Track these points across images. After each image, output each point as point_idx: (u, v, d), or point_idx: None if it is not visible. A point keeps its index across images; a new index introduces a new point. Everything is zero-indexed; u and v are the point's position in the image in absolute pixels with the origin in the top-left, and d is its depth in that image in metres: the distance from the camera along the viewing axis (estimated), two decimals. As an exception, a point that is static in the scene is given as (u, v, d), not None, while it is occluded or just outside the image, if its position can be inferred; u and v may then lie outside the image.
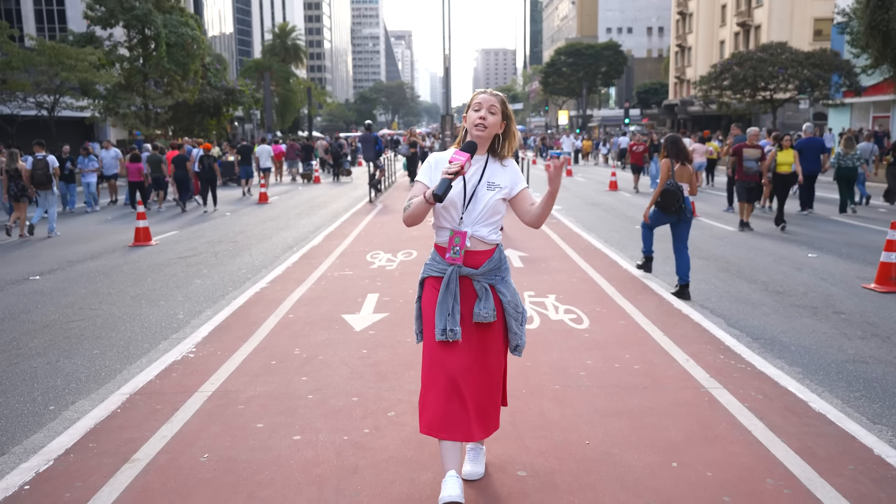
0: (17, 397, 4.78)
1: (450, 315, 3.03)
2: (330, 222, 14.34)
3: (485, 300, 3.08)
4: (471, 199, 3.11)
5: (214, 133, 42.74)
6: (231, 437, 3.92)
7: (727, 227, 12.72)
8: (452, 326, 3.01)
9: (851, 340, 5.81)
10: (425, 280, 3.22)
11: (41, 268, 9.71)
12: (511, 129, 3.20)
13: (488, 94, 3.16)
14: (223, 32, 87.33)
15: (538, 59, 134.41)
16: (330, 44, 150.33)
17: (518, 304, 3.18)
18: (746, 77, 35.75)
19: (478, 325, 3.11)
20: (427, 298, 3.17)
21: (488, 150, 3.19)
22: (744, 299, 7.26)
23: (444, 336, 3.02)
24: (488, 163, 3.18)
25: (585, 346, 5.54)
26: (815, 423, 4.03)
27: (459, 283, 3.11)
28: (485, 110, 3.11)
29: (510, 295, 3.17)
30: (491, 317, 3.08)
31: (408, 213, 3.08)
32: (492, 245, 3.17)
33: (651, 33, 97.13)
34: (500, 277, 3.17)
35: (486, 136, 3.12)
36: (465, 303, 3.11)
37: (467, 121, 3.15)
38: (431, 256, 3.23)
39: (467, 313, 3.10)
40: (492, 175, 3.15)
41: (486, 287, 3.11)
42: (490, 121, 3.10)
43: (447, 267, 3.13)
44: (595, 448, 3.74)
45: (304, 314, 6.71)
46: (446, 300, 3.04)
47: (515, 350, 3.23)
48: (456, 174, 2.89)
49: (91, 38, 34.00)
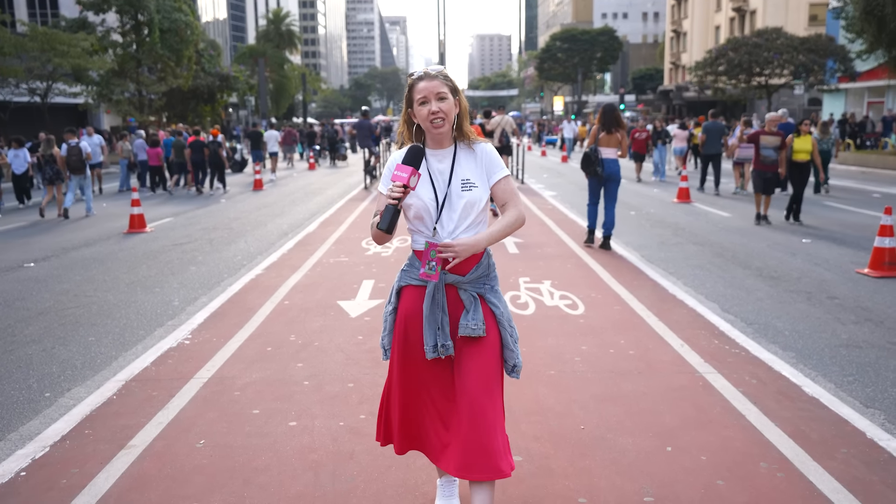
0: (13, 384, 4.78)
1: (440, 329, 2.63)
2: (325, 209, 14.31)
3: (473, 311, 2.64)
4: (443, 205, 2.63)
5: (209, 119, 42.53)
6: (227, 424, 3.93)
7: (722, 213, 12.74)
8: (444, 341, 2.62)
9: (845, 325, 5.84)
10: (402, 289, 2.77)
11: (35, 255, 9.68)
12: (463, 103, 2.68)
13: (428, 80, 2.60)
14: (217, 18, 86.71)
15: (533, 45, 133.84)
16: (324, 29, 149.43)
17: (510, 319, 2.76)
18: (741, 62, 35.69)
19: (464, 341, 2.66)
20: (406, 311, 2.72)
21: (453, 137, 2.70)
22: (738, 285, 7.28)
23: (437, 353, 2.63)
24: (457, 154, 2.68)
25: (581, 332, 5.55)
26: (808, 408, 4.06)
27: (446, 292, 2.69)
28: (434, 100, 2.58)
29: (502, 307, 2.74)
30: (480, 330, 2.62)
31: (372, 234, 2.64)
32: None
33: (646, 19, 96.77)
34: (490, 286, 2.73)
35: (447, 129, 2.62)
36: (451, 315, 2.70)
37: (417, 117, 2.63)
38: (409, 262, 2.77)
39: (453, 327, 2.68)
40: (464, 170, 2.66)
41: (473, 296, 2.67)
42: (445, 108, 2.59)
43: None
44: (590, 433, 3.76)
45: (299, 301, 6.71)
46: (434, 313, 2.63)
47: (513, 371, 2.76)
48: (400, 198, 2.48)
49: (83, 24, 33.70)
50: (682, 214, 12.62)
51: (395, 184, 2.49)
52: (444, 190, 2.64)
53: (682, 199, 14.43)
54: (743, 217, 12.15)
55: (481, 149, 2.72)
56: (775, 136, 11.07)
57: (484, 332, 2.64)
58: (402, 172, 2.50)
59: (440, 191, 2.65)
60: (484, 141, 2.74)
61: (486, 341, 2.66)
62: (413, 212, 2.63)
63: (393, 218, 2.48)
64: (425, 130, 2.65)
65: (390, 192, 2.50)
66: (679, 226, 11.31)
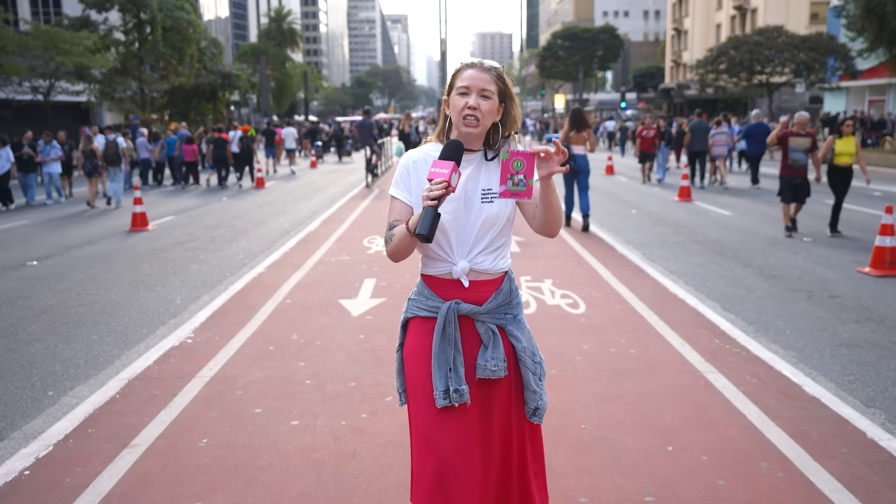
0: (16, 383, 4.80)
1: (452, 370, 2.23)
2: (327, 207, 14.32)
3: (492, 348, 2.26)
4: (463, 220, 2.27)
5: (210, 117, 42.55)
6: (229, 423, 3.95)
7: (722, 211, 12.74)
8: (458, 385, 2.21)
9: (846, 324, 5.84)
10: (409, 321, 2.40)
11: (38, 253, 9.71)
12: (512, 112, 2.31)
13: (478, 70, 2.24)
14: (219, 16, 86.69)
15: (535, 43, 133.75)
16: (326, 27, 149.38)
17: (535, 352, 2.38)
18: (743, 61, 35.68)
19: (481, 383, 2.28)
20: (413, 346, 2.34)
21: (483, 143, 2.32)
22: (739, 283, 7.29)
23: (448, 400, 2.21)
24: (483, 162, 2.30)
25: (582, 331, 5.57)
26: (809, 407, 4.07)
27: (459, 325, 2.29)
28: (475, 95, 2.21)
29: (525, 339, 2.35)
30: (501, 370, 2.25)
31: (391, 247, 2.25)
32: (499, 274, 2.33)
33: (647, 17, 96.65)
34: (512, 315, 2.34)
35: (479, 132, 2.24)
36: (465, 353, 2.29)
37: (450, 108, 2.27)
38: (417, 290, 2.38)
39: (469, 367, 2.28)
40: (488, 180, 2.28)
41: (492, 330, 2.29)
42: (484, 109, 2.21)
43: (441, 303, 2.29)
44: (591, 432, 3.77)
45: (301, 299, 6.72)
46: (445, 351, 2.24)
47: (535, 414, 2.37)
48: (440, 198, 2.08)
49: (86, 23, 33.74)
50: (683, 213, 12.63)
51: (435, 181, 2.08)
52: (464, 201, 2.26)
53: (683, 198, 14.44)
54: (744, 215, 12.15)
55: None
56: (806, 138, 9.93)
57: (506, 371, 2.28)
58: (442, 168, 2.11)
59: (460, 200, 2.26)
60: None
61: (504, 382, 2.30)
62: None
63: (434, 222, 2.07)
64: (454, 126, 2.28)
65: (428, 191, 2.08)
66: (680, 224, 11.31)
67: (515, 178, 2.11)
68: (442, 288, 2.31)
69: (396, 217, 2.28)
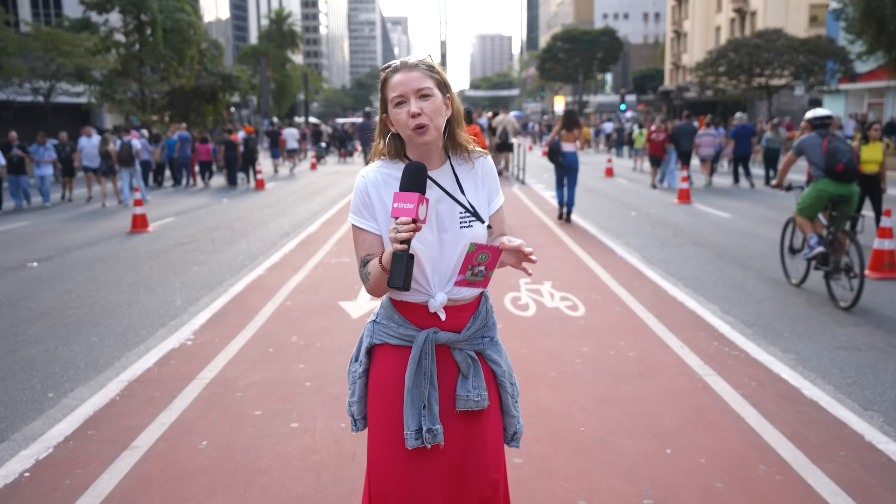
0: (16, 384, 4.81)
1: (426, 408, 1.99)
2: (326, 209, 14.33)
3: (473, 377, 2.05)
4: (438, 248, 2.02)
5: (211, 119, 42.59)
6: (229, 425, 3.96)
7: (722, 213, 12.75)
8: (432, 425, 1.98)
9: (844, 327, 5.85)
10: (376, 348, 2.11)
11: (39, 254, 9.71)
12: (456, 104, 2.04)
13: (406, 71, 1.96)
14: (219, 18, 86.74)
15: (535, 45, 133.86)
16: (326, 29, 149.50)
17: (512, 373, 2.20)
18: (742, 63, 35.71)
19: (462, 415, 2.06)
20: (383, 376, 2.07)
21: (446, 149, 2.09)
22: (738, 286, 7.30)
23: (421, 441, 1.98)
24: (458, 174, 2.08)
25: (581, 334, 5.58)
26: (807, 410, 4.08)
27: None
28: (414, 100, 1.93)
29: (504, 362, 2.17)
30: (484, 400, 2.04)
31: (370, 286, 2.00)
32: (475, 296, 2.10)
33: (647, 19, 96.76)
34: (489, 338, 2.13)
35: (435, 137, 1.98)
36: (442, 385, 2.05)
37: (395, 125, 1.99)
38: (385, 313, 2.10)
39: (446, 400, 2.05)
40: (469, 195, 2.07)
41: (471, 357, 2.07)
42: (429, 110, 1.94)
43: (415, 332, 2.03)
44: (590, 435, 3.78)
45: (301, 301, 6.73)
46: (419, 386, 2.00)
47: (513, 439, 2.22)
48: (410, 239, 1.81)
49: (87, 24, 33.79)
50: (683, 215, 12.64)
51: (401, 220, 1.80)
52: (435, 224, 2.01)
53: (682, 200, 14.46)
54: (743, 217, 12.16)
55: (482, 164, 2.13)
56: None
57: (488, 401, 2.06)
58: (406, 203, 1.82)
59: (432, 226, 2.00)
60: (484, 153, 2.16)
61: (487, 413, 2.10)
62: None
63: (408, 268, 1.80)
64: (406, 141, 2.01)
65: (395, 233, 1.80)
66: (679, 226, 11.32)
67: (476, 269, 1.91)
68: (416, 315, 2.05)
69: (368, 251, 2.02)
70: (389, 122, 2.01)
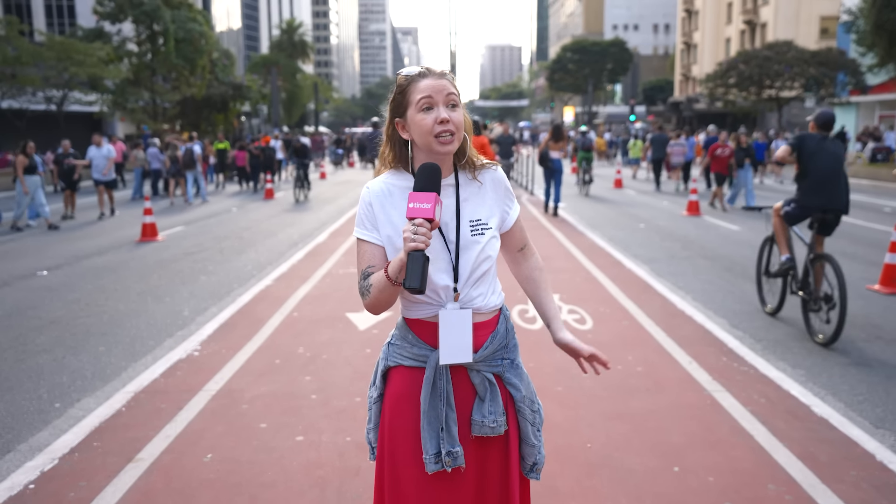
0: (24, 394, 4.82)
1: (444, 430, 1.93)
2: (335, 218, 14.36)
3: (490, 401, 1.97)
4: (457, 257, 1.96)
5: (221, 128, 42.85)
6: (234, 438, 3.95)
7: (731, 226, 12.70)
8: (451, 447, 1.92)
9: (855, 343, 5.80)
10: (391, 371, 2.05)
11: (48, 263, 9.76)
12: (467, 118, 2.00)
13: (436, 77, 1.91)
14: (231, 28, 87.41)
15: (544, 56, 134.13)
16: (337, 39, 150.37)
17: (534, 399, 2.10)
18: (752, 75, 35.66)
19: (478, 441, 1.99)
20: (399, 398, 2.01)
21: (453, 162, 2.01)
22: (747, 300, 7.25)
23: (440, 464, 1.92)
24: (459, 185, 2.00)
25: (589, 348, 5.53)
26: (817, 428, 4.03)
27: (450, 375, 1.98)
28: (443, 107, 1.89)
29: (524, 387, 2.06)
30: (501, 426, 1.97)
31: (370, 300, 1.93)
32: (493, 312, 2.04)
33: (657, 30, 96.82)
34: (509, 360, 2.05)
35: (455, 149, 1.93)
36: (458, 407, 1.99)
37: (413, 130, 1.91)
38: (399, 334, 2.06)
39: (462, 423, 1.98)
40: (471, 206, 2.00)
41: (489, 380, 1.99)
42: (457, 120, 1.90)
43: (429, 352, 1.97)
44: (597, 451, 3.75)
45: (308, 312, 6.73)
46: (436, 407, 1.94)
47: (532, 470, 2.10)
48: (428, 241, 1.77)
49: (100, 34, 34.19)
50: (692, 228, 12.59)
51: (417, 221, 1.76)
52: (454, 235, 1.96)
53: (691, 213, 14.41)
54: (752, 231, 12.10)
55: (493, 176, 2.06)
56: None
57: (505, 426, 1.99)
58: (423, 203, 1.77)
59: (451, 237, 1.96)
60: (493, 165, 2.09)
61: (504, 439, 2.02)
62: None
63: (424, 270, 1.74)
64: (423, 149, 1.93)
65: (411, 234, 1.75)
66: (688, 239, 11.28)
67: None
68: (429, 333, 1.98)
69: (369, 263, 1.95)
70: (401, 128, 1.94)
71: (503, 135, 18.64)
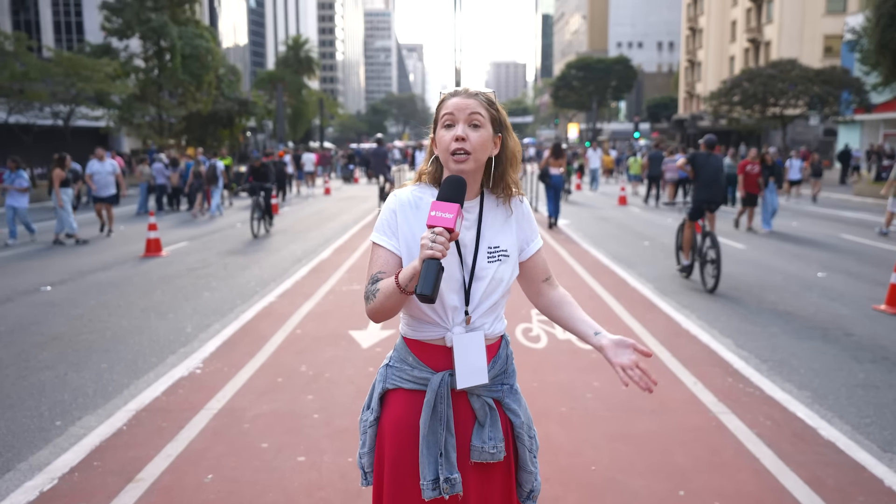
0: (25, 412, 4.80)
1: (443, 456, 1.89)
2: (339, 235, 14.37)
3: (490, 427, 1.95)
4: (471, 280, 1.95)
5: (227, 143, 43.03)
6: (236, 458, 3.92)
7: (736, 244, 12.66)
8: (449, 474, 1.88)
9: (862, 364, 5.75)
10: (389, 394, 2.02)
11: (52, 278, 9.77)
12: (510, 144, 1.99)
13: (464, 96, 1.92)
14: (237, 44, 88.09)
15: (549, 73, 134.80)
16: (343, 55, 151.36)
17: (531, 426, 2.10)
18: (756, 93, 35.72)
19: (476, 468, 1.96)
20: (397, 423, 1.97)
21: (481, 184, 2.00)
22: (753, 319, 7.21)
23: (438, 491, 1.89)
24: (484, 209, 1.99)
25: (593, 367, 5.51)
26: (824, 452, 3.99)
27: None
28: (462, 124, 1.89)
29: (523, 413, 2.06)
30: (500, 452, 1.94)
31: (373, 305, 1.89)
32: (496, 338, 2.03)
33: (661, 48, 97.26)
34: (508, 386, 2.04)
35: (472, 168, 1.91)
36: (457, 432, 1.96)
37: (437, 146, 1.95)
38: (398, 356, 2.02)
39: (461, 449, 1.96)
40: (491, 232, 1.99)
41: (489, 405, 1.97)
42: (475, 140, 1.89)
43: (430, 374, 1.95)
44: (601, 474, 3.71)
45: (311, 329, 6.71)
46: (435, 432, 1.91)
47: (529, 497, 2.08)
48: (445, 249, 1.75)
49: (107, 50, 34.49)
50: (697, 246, 12.54)
51: (437, 229, 1.75)
52: (469, 256, 1.95)
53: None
54: (757, 249, 12.07)
55: (518, 206, 2.05)
56: None
57: (504, 453, 1.96)
58: (445, 212, 1.77)
59: (467, 259, 1.95)
60: (522, 195, 2.09)
61: (502, 466, 2.00)
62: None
63: (438, 278, 1.72)
64: (444, 165, 1.94)
65: (430, 241, 1.73)
66: (693, 258, 11.22)
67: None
68: (431, 356, 1.96)
69: (381, 269, 1.92)
70: (434, 145, 1.97)
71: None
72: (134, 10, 34.00)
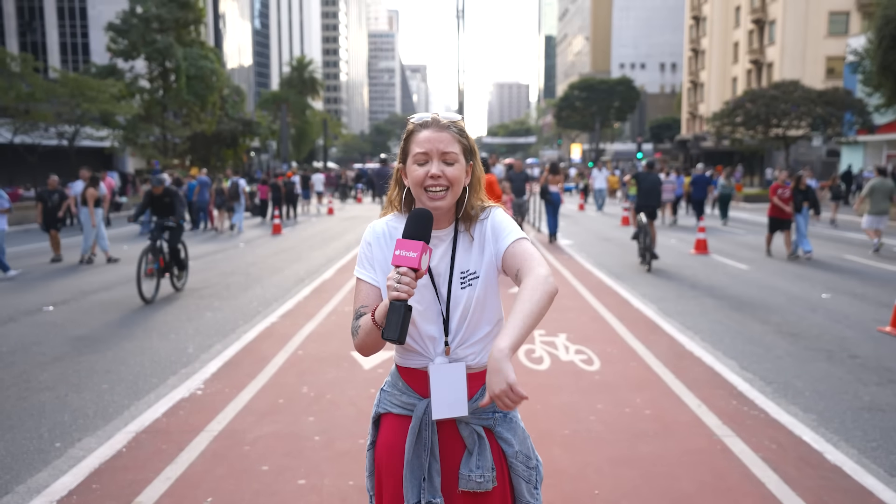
0: (24, 433, 4.77)
1: (426, 480, 1.89)
2: (342, 255, 14.37)
3: (478, 455, 1.91)
4: (447, 310, 1.94)
5: (231, 163, 43.26)
6: (235, 481, 3.88)
7: (740, 265, 12.63)
8: (432, 498, 1.88)
9: (867, 386, 5.70)
10: (382, 418, 2.04)
11: (55, 298, 9.77)
12: (476, 172, 1.97)
13: (435, 129, 1.89)
14: (242, 65, 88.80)
15: (552, 94, 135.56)
16: (346, 76, 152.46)
17: (530, 455, 2.01)
18: (759, 114, 35.82)
19: (466, 497, 1.93)
20: (387, 446, 1.99)
21: (455, 212, 1.97)
22: (757, 341, 7.17)
23: None
24: (457, 239, 1.96)
25: (596, 389, 5.47)
26: (830, 476, 3.94)
27: (437, 427, 1.94)
28: (437, 162, 1.86)
29: (518, 442, 1.99)
30: (488, 482, 1.90)
31: (357, 342, 1.92)
32: (485, 366, 1.96)
33: (664, 69, 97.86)
34: (501, 415, 1.99)
35: (448, 204, 1.89)
36: (445, 459, 1.94)
37: (408, 179, 1.92)
38: (391, 381, 2.05)
39: (450, 475, 1.93)
40: (467, 259, 1.95)
41: (478, 433, 1.93)
42: (451, 175, 1.87)
43: (417, 400, 1.96)
44: (604, 498, 3.67)
45: (313, 350, 6.69)
46: (419, 457, 1.91)
47: None
48: (411, 291, 1.74)
49: (113, 70, 34.81)
50: (700, 266, 12.53)
51: (400, 270, 1.73)
52: (445, 288, 1.93)
53: (699, 251, 14.36)
54: (761, 269, 12.04)
55: (482, 224, 1.98)
56: None
57: (494, 482, 1.91)
58: (409, 251, 1.73)
59: (442, 288, 1.94)
60: (492, 206, 2.03)
61: (494, 496, 1.94)
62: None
63: (404, 321, 1.70)
64: (415, 199, 1.93)
65: (395, 283, 1.71)
66: (697, 278, 11.21)
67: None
68: (419, 382, 1.96)
69: (363, 302, 1.93)
70: (405, 175, 1.94)
71: (516, 171, 18.21)
72: (139, 31, 34.38)
